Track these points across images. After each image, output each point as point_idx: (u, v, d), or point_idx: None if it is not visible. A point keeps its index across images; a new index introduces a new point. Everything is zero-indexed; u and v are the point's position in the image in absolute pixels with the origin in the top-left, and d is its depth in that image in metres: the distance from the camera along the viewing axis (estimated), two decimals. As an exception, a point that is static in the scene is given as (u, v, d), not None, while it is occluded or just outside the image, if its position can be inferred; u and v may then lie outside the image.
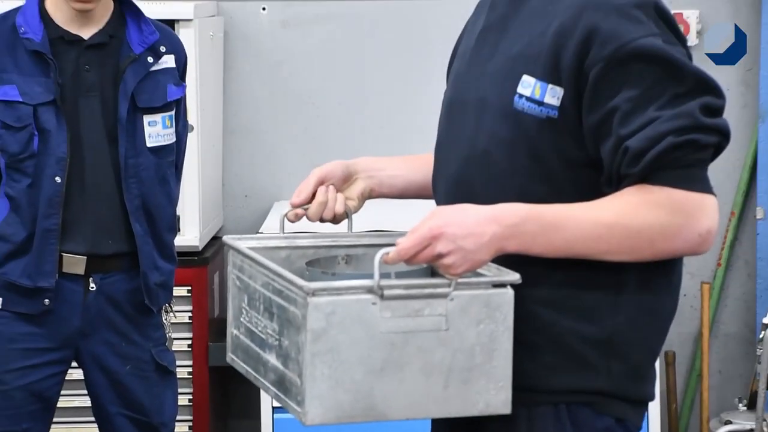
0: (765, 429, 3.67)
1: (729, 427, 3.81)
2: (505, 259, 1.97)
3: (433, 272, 1.98)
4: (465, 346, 1.92)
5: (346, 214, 2.23)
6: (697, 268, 4.20)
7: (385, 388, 1.89)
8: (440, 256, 1.91)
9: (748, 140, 4.19)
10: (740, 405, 3.90)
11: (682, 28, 2.16)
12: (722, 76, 3.94)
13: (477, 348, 1.93)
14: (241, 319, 2.10)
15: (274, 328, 1.97)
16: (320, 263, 2.13)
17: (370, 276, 1.88)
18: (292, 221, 2.22)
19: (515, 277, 1.95)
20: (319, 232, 2.25)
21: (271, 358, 1.98)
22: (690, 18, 4.14)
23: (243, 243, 2.13)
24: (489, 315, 1.94)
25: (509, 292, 1.95)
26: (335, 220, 2.22)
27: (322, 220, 2.22)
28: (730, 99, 1.98)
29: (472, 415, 1.96)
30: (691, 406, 4.27)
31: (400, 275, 1.96)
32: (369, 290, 1.89)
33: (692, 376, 4.27)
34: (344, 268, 2.13)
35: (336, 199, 2.21)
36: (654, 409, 3.81)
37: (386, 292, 1.89)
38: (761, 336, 3.62)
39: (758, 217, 4.13)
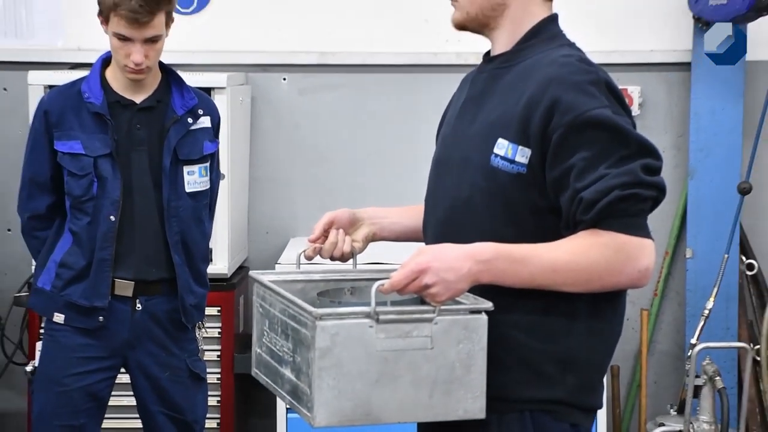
0: (691, 429, 3.65)
1: (662, 428, 3.78)
2: (481, 289, 1.96)
3: (421, 300, 1.96)
4: (447, 362, 1.91)
5: (352, 254, 2.22)
6: (637, 297, 4.18)
7: (381, 396, 1.88)
8: (426, 287, 1.90)
9: (679, 194, 4.18)
10: (672, 410, 3.88)
11: (627, 101, 2.15)
12: (659, 141, 3.95)
13: (457, 364, 1.91)
14: (263, 340, 2.09)
15: (289, 347, 1.96)
16: (329, 294, 2.11)
17: (369, 304, 1.87)
18: (310, 258, 2.21)
19: (488, 305, 1.94)
20: (329, 268, 2.24)
21: (287, 372, 1.97)
22: (633, 93, 4.14)
23: (266, 277, 2.12)
24: (467, 336, 1.92)
25: (483, 317, 1.94)
26: (343, 258, 2.22)
27: (332, 258, 2.21)
28: (665, 160, 1.98)
29: (453, 419, 1.94)
30: (631, 411, 4.24)
31: (394, 303, 1.95)
32: (367, 315, 1.88)
33: (633, 386, 4.25)
34: (350, 298, 2.11)
35: (344, 241, 2.21)
36: (601, 413, 3.78)
37: (381, 317, 1.88)
38: (689, 354, 3.61)
39: (687, 256, 4.12)
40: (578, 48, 2.10)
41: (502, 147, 2.00)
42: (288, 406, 1.95)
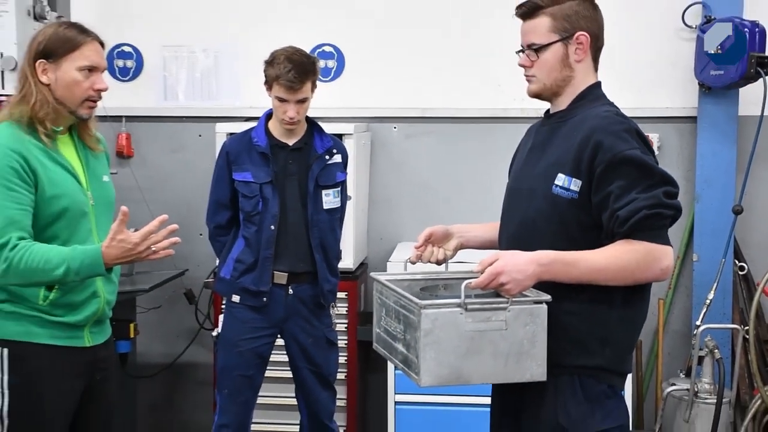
0: (695, 389, 3.52)
1: (673, 387, 3.66)
2: (542, 285, 1.91)
3: (497, 294, 1.91)
4: (517, 340, 1.87)
5: (445, 259, 2.18)
6: (656, 290, 4.02)
7: (469, 365, 1.85)
8: (502, 284, 1.86)
9: (688, 213, 4.05)
10: (681, 374, 3.76)
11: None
12: (672, 174, 3.80)
13: (525, 341, 1.88)
14: (381, 323, 2.06)
15: (401, 328, 1.93)
16: (429, 289, 2.10)
17: (459, 297, 1.84)
18: (414, 262, 2.19)
19: (548, 297, 1.89)
20: (428, 270, 2.20)
21: (399, 347, 1.94)
22: (653, 139, 4.01)
23: (383, 277, 2.10)
24: (532, 320, 1.88)
25: (544, 306, 1.89)
26: (438, 263, 2.18)
27: (430, 262, 2.18)
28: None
29: (522, 381, 1.90)
30: (650, 374, 4.10)
31: (478, 296, 1.91)
32: (458, 305, 1.85)
33: (652, 356, 4.11)
34: (443, 292, 2.09)
35: (439, 250, 2.18)
36: (628, 376, 3.66)
37: (468, 307, 1.85)
38: (695, 332, 3.51)
39: (694, 260, 3.99)
40: (615, 105, 2.06)
41: (561, 179, 1.96)
42: (399, 370, 1.91)
